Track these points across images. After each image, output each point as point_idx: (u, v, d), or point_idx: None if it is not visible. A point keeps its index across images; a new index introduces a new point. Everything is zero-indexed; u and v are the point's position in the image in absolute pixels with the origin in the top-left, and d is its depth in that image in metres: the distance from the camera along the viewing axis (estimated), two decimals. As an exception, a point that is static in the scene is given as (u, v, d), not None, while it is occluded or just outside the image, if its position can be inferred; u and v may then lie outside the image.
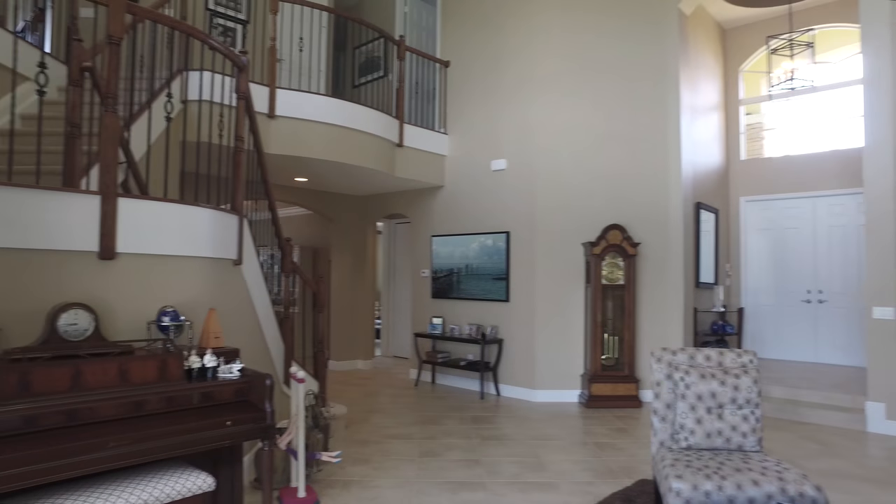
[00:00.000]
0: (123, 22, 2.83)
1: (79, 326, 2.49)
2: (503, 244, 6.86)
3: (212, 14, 6.51)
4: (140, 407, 2.39)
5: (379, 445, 4.65)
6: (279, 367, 4.24)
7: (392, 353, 10.06)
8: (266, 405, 2.63)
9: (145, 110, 4.00)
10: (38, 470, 2.01)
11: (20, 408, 2.10)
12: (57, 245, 2.54)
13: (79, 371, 2.28)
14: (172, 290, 2.96)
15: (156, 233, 2.88)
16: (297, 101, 5.66)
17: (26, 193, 2.46)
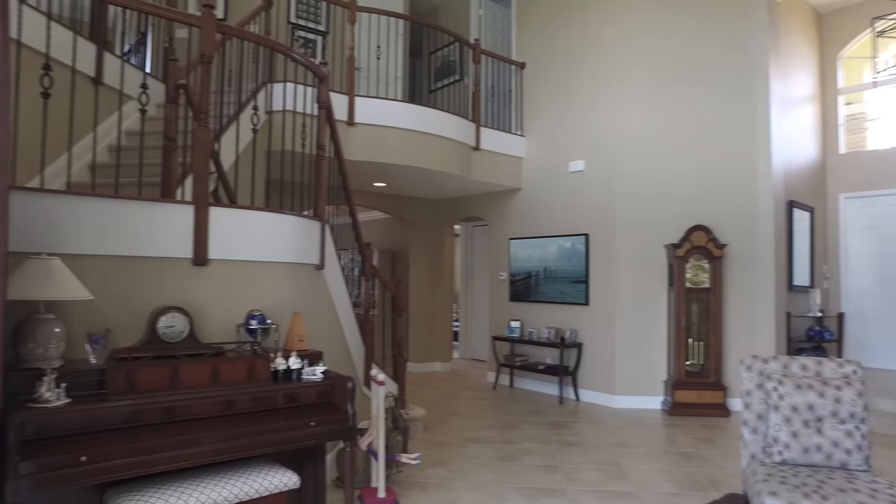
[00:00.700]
0: (214, 41, 3.00)
1: (175, 329, 2.66)
2: (582, 246, 6.73)
3: (293, 27, 6.77)
4: (230, 406, 2.52)
5: (457, 448, 4.68)
6: (360, 370, 4.34)
7: (470, 356, 10.09)
8: (348, 407, 2.70)
9: (233, 122, 4.21)
10: (142, 461, 2.16)
11: (126, 403, 2.27)
12: (156, 252, 2.71)
13: (176, 371, 2.43)
14: (259, 295, 3.09)
15: (244, 239, 3.02)
16: (375, 107, 5.79)
17: (130, 205, 2.65)
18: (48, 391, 2.14)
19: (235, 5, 6.58)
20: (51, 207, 2.46)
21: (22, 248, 2.36)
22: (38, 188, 2.49)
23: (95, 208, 2.56)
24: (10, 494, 1.89)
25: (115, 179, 2.84)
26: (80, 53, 4.01)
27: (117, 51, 4.89)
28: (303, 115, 4.42)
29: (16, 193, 2.36)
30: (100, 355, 2.40)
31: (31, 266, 2.23)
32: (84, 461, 2.04)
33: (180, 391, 2.42)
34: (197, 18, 2.99)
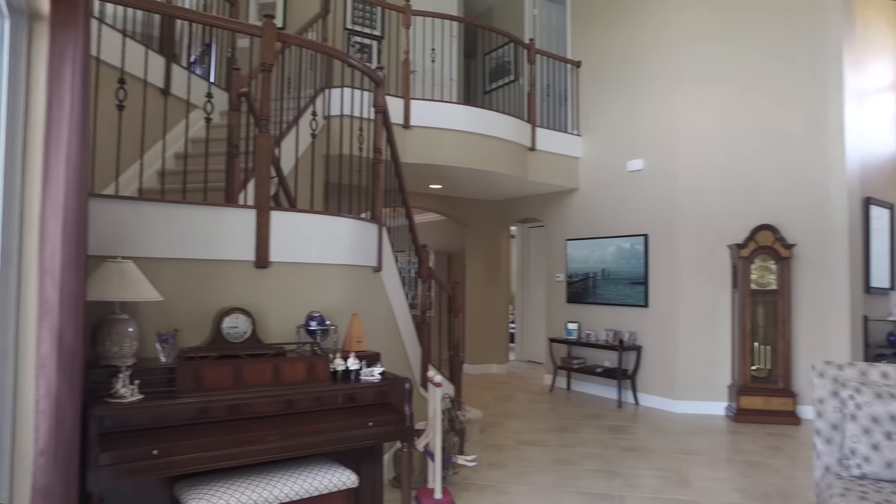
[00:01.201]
0: (274, 50, 3.08)
1: (239, 329, 2.75)
2: (641, 247, 6.57)
3: (349, 33, 6.89)
4: (291, 405, 2.58)
5: (513, 451, 4.65)
6: (416, 371, 4.37)
7: (526, 358, 10.01)
8: (405, 408, 2.72)
9: (293, 127, 4.31)
10: (208, 457, 2.24)
11: (194, 400, 2.35)
12: (221, 255, 2.81)
13: (240, 370, 2.51)
14: (318, 296, 3.16)
15: (303, 242, 3.09)
16: (430, 110, 5.83)
17: (196, 210, 2.76)
18: (123, 387, 2.24)
19: (294, 14, 6.76)
20: (124, 213, 2.58)
21: (99, 252, 2.48)
22: (113, 195, 2.62)
23: (164, 213, 2.67)
24: (91, 483, 2.00)
25: (183, 185, 2.96)
26: (150, 66, 4.20)
27: (183, 62, 5.10)
28: (360, 119, 4.49)
29: (94, 200, 2.49)
30: (169, 354, 2.50)
31: (107, 269, 2.35)
32: (156, 455, 2.13)
33: (244, 390, 2.49)
34: (258, 28, 3.08)
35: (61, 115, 1.83)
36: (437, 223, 9.89)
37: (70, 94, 1.84)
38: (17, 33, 1.86)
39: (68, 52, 1.84)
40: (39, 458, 1.81)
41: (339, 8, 6.70)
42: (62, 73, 1.84)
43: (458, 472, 4.02)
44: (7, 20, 1.83)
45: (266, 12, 3.00)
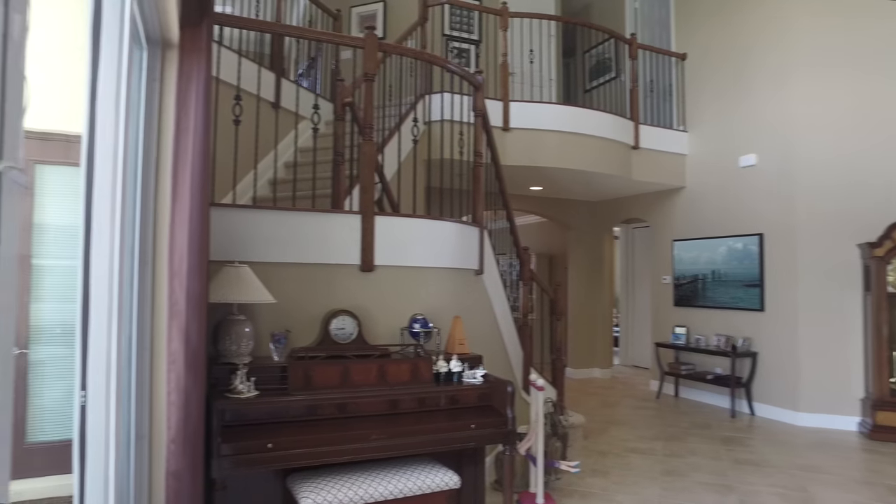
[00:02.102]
0: (377, 59, 3.18)
1: (346, 331, 2.86)
2: (755, 247, 6.16)
3: (447, 39, 6.98)
4: (395, 405, 2.64)
5: (618, 458, 4.50)
6: (518, 374, 4.35)
7: (631, 363, 9.68)
8: (507, 411, 2.71)
9: (395, 134, 4.43)
10: (318, 452, 2.34)
11: (304, 398, 2.47)
12: (328, 259, 2.94)
13: (347, 370, 2.61)
14: (421, 299, 3.22)
15: (407, 246, 3.17)
16: (529, 112, 5.78)
17: (305, 216, 2.90)
18: (241, 384, 2.40)
19: (393, 23, 6.95)
20: (240, 220, 2.77)
21: (219, 257, 2.67)
22: (231, 204, 2.81)
23: (276, 220, 2.84)
24: (214, 470, 2.16)
25: (293, 193, 3.13)
26: (262, 82, 4.47)
27: (291, 76, 5.39)
28: (460, 123, 4.54)
29: (214, 209, 2.68)
30: (281, 353, 2.65)
31: (226, 273, 2.53)
32: (270, 448, 2.26)
33: (350, 389, 2.59)
34: (360, 40, 3.20)
35: (187, 134, 1.99)
36: (538, 225, 9.79)
37: (194, 113, 1.99)
38: (152, 62, 2.04)
39: (193, 75, 2.00)
40: (171, 444, 1.97)
41: (436, 15, 6.81)
42: (188, 94, 2.00)
43: (560, 477, 3.95)
44: (145, 51, 2.02)
45: (367, 24, 3.11)
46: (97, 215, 1.59)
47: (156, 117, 2.07)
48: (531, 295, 4.52)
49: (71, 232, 3.29)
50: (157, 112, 2.08)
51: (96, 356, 1.65)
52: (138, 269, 2.00)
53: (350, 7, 7.29)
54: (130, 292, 1.96)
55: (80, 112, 1.59)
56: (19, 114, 0.73)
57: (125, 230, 1.80)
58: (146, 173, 2.03)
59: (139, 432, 2.05)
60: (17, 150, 0.72)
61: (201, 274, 1.99)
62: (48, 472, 2.71)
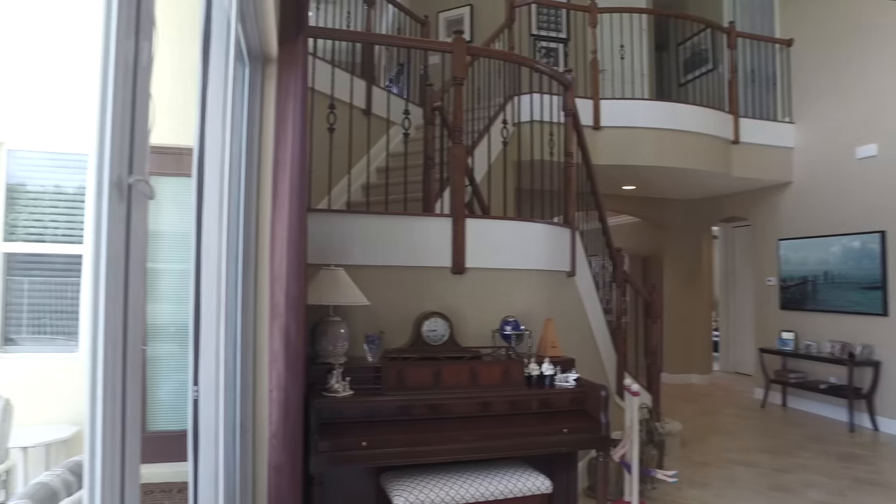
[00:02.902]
0: (465, 63, 3.20)
1: (437, 332, 2.89)
2: (876, 246, 5.66)
3: (535, 39, 6.91)
4: (486, 407, 2.64)
5: (720, 470, 4.27)
6: (611, 378, 4.23)
7: (732, 369, 9.17)
8: (601, 416, 2.65)
9: (484, 136, 4.44)
10: (411, 451, 2.39)
11: (398, 398, 2.52)
12: (420, 262, 2.99)
13: (439, 371, 2.63)
14: (512, 301, 3.20)
15: (497, 248, 3.17)
16: (621, 109, 5.62)
17: (397, 220, 2.97)
18: (337, 383, 2.48)
19: (480, 26, 6.97)
20: (336, 225, 2.87)
21: (316, 261, 2.78)
22: (326, 209, 2.92)
23: (369, 224, 2.92)
24: (312, 465, 2.25)
25: (385, 197, 3.20)
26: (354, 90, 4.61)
27: (381, 83, 5.52)
28: (549, 123, 4.48)
29: (311, 215, 2.79)
30: (375, 354, 2.71)
31: (323, 276, 2.62)
32: (365, 446, 2.32)
33: (442, 390, 2.61)
34: (448, 45, 3.23)
35: (286, 143, 2.09)
36: (631, 225, 9.50)
37: (292, 123, 2.09)
38: (254, 76, 2.16)
39: (291, 87, 2.09)
40: (273, 439, 2.07)
41: (523, 15, 6.76)
42: (286, 105, 2.09)
43: (656, 486, 3.80)
44: (247, 67, 2.13)
45: (455, 28, 3.14)
46: (206, 222, 1.70)
47: (257, 128, 2.19)
48: (625, 297, 4.39)
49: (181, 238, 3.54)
50: (258, 123, 2.19)
51: (206, 354, 1.77)
52: (242, 272, 2.12)
53: (437, 13, 7.38)
54: (235, 295, 2.08)
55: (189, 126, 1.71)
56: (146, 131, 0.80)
57: (230, 236, 1.91)
58: (249, 181, 2.15)
59: (244, 427, 2.16)
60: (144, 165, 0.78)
61: (299, 277, 2.08)
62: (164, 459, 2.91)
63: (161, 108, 2.24)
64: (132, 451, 0.86)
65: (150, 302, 3.60)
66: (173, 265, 3.59)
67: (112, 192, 0.75)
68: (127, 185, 0.80)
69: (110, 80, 0.74)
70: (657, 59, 8.36)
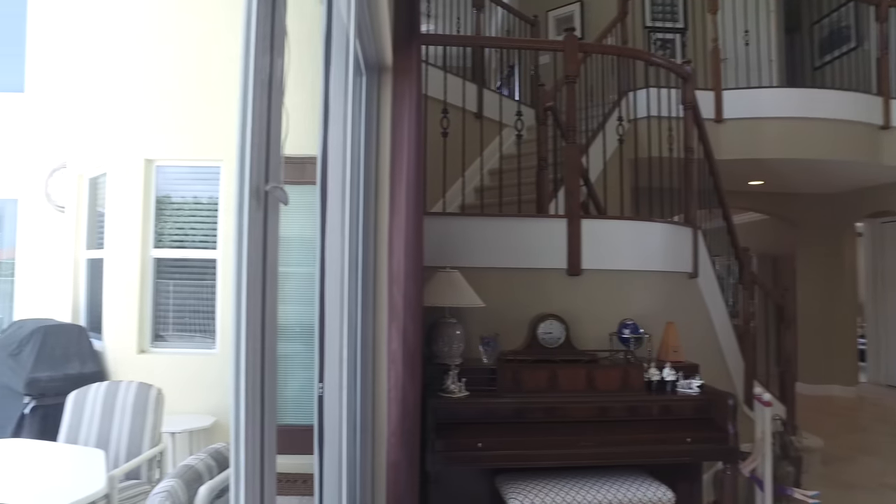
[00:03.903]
0: (577, 61, 3.14)
1: (553, 335, 2.85)
2: None
3: (649, 31, 6.64)
4: (604, 413, 2.57)
5: (872, 494, 3.86)
6: (739, 386, 3.97)
7: (883, 381, 8.27)
8: (728, 426, 2.49)
9: (598, 134, 4.33)
10: (527, 455, 2.37)
11: (513, 400, 2.52)
12: (535, 264, 2.97)
13: (555, 374, 2.60)
14: (631, 303, 3.10)
15: (614, 249, 3.08)
16: (745, 99, 5.27)
17: (511, 222, 2.97)
18: (453, 384, 2.51)
19: (591, 21, 6.80)
20: (451, 227, 2.91)
21: (432, 263, 2.84)
22: (441, 212, 2.98)
23: (483, 226, 2.93)
24: (428, 464, 2.30)
25: (499, 199, 3.21)
26: (466, 94, 4.66)
27: (492, 86, 5.55)
28: (668, 118, 4.29)
29: (426, 218, 2.86)
30: (490, 356, 2.72)
31: (438, 278, 2.67)
32: (480, 447, 2.34)
33: (558, 394, 2.57)
34: (559, 43, 3.18)
35: (402, 149, 2.15)
36: (759, 223, 8.87)
37: (407, 129, 2.15)
38: (370, 86, 2.25)
39: (405, 94, 2.15)
40: (391, 437, 2.14)
41: (636, 7, 6.52)
42: (402, 112, 2.16)
43: (794, 506, 3.51)
44: (364, 76, 2.23)
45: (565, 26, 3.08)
46: (330, 228, 1.79)
47: (374, 135, 2.27)
48: (752, 300, 4.10)
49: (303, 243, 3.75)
50: (375, 131, 2.28)
51: (330, 353, 1.86)
52: (362, 275, 2.21)
53: (546, 11, 7.29)
54: (356, 297, 2.17)
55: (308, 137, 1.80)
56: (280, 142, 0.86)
57: (351, 240, 1.99)
58: (367, 187, 2.24)
59: (364, 424, 2.25)
60: (279, 173, 0.84)
61: (416, 279, 2.13)
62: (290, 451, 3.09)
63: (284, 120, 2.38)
64: (269, 442, 0.92)
65: (279, 303, 3.83)
66: (299, 268, 3.81)
67: (251, 200, 0.81)
68: (264, 193, 0.86)
69: (249, 95, 0.81)
70: (787, 42, 7.74)
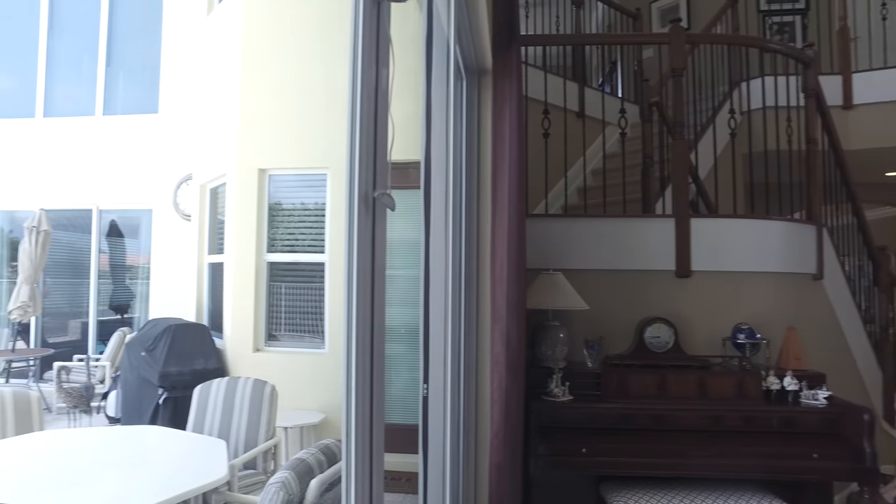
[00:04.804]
0: (684, 53, 3.00)
1: (661, 339, 2.74)
2: None
3: (764, 15, 6.21)
4: (717, 422, 2.43)
5: None
6: (876, 400, 3.61)
7: None
8: (864, 443, 2.27)
9: (708, 128, 4.11)
10: (633, 463, 2.29)
11: (618, 406, 2.44)
12: (640, 265, 2.86)
13: (663, 380, 2.49)
14: (745, 307, 2.91)
15: (726, 249, 2.91)
16: (881, 81, 4.80)
17: (615, 222, 2.88)
18: (556, 387, 2.48)
19: (698, 10, 6.46)
20: (553, 229, 2.87)
21: (534, 266, 2.81)
22: (543, 213, 2.94)
23: (587, 227, 2.87)
24: (531, 468, 2.28)
25: (603, 199, 3.13)
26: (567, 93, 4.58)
27: (593, 84, 5.41)
28: (786, 108, 4.00)
29: (528, 220, 2.84)
30: (594, 359, 2.66)
31: (542, 280, 2.64)
32: (584, 453, 2.28)
33: (667, 401, 2.47)
34: (664, 36, 3.05)
35: (503, 151, 2.15)
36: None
37: (508, 131, 2.14)
38: (471, 89, 2.27)
39: (506, 96, 2.15)
40: (494, 439, 2.13)
41: (750, -9, 6.12)
42: (502, 115, 2.15)
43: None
44: (464, 81, 2.25)
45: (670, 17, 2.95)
46: (434, 231, 1.82)
47: (475, 139, 2.28)
48: (892, 304, 3.72)
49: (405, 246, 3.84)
50: (476, 134, 2.29)
51: (435, 355, 1.88)
52: (465, 277, 2.22)
53: (650, 3, 7.01)
54: (459, 299, 2.19)
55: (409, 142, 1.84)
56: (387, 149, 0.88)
57: (455, 243, 2.01)
58: (469, 190, 2.25)
59: (467, 426, 2.27)
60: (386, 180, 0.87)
61: (519, 282, 2.12)
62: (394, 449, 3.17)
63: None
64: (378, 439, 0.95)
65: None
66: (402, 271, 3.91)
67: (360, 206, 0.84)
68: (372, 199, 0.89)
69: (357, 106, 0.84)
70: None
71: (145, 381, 4.29)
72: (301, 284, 4.53)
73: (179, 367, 4.23)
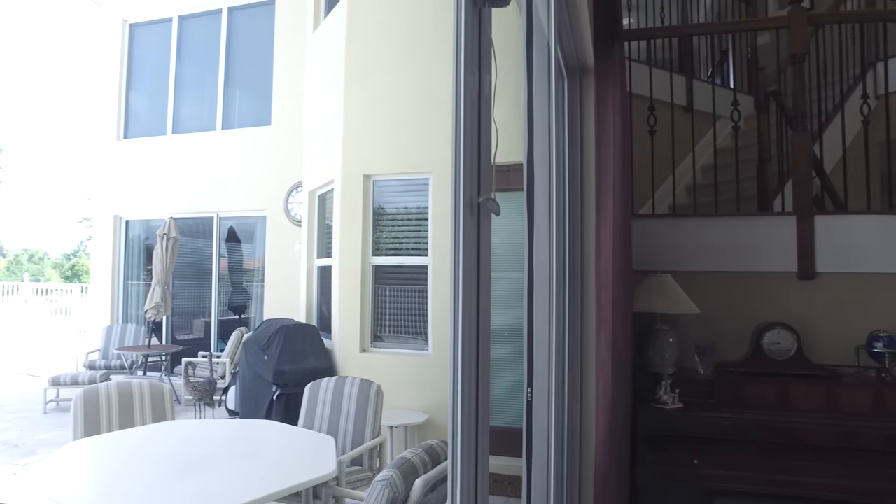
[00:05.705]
0: (806, 36, 2.78)
1: (781, 346, 2.55)
2: None
3: (904, -15, 5.62)
4: (849, 439, 2.23)
5: None
6: None
7: None
8: None
9: (835, 117, 3.78)
10: (750, 477, 2.15)
11: (733, 416, 2.30)
12: (757, 267, 2.68)
13: (785, 390, 2.32)
14: (883, 313, 2.65)
15: (857, 249, 2.66)
16: None
17: (728, 221, 2.72)
18: (665, 394, 2.37)
19: (823, -11, 5.96)
20: (661, 229, 2.76)
21: (641, 268, 2.71)
22: (650, 214, 2.83)
23: (697, 227, 2.73)
24: (638, 476, 2.20)
25: (714, 197, 2.97)
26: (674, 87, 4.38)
27: (702, 75, 5.14)
28: (928, 90, 3.61)
29: (634, 220, 2.74)
30: (707, 366, 2.52)
31: (650, 283, 2.54)
32: (696, 464, 2.17)
33: (789, 413, 2.29)
34: (783, 19, 2.84)
35: (607, 150, 2.09)
36: None
37: (612, 129, 2.08)
38: (572, 89, 2.23)
39: (609, 94, 2.09)
40: (600, 446, 2.08)
41: (888, -40, 5.56)
42: (606, 113, 2.10)
43: None
44: (565, 80, 2.21)
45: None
46: (537, 233, 1.80)
47: (578, 138, 2.24)
48: None
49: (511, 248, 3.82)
50: (579, 133, 2.24)
51: (539, 358, 1.86)
52: (569, 280, 2.18)
53: (766, -15, 6.57)
54: (563, 301, 2.15)
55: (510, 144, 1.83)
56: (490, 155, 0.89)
57: (558, 245, 1.98)
58: (573, 191, 2.21)
59: (571, 431, 2.22)
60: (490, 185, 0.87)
61: (626, 284, 2.05)
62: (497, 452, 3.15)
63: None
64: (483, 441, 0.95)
65: (488, 307, 3.96)
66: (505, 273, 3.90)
67: (465, 211, 0.85)
68: (477, 204, 0.89)
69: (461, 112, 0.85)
70: None
71: (260, 378, 4.56)
72: (405, 287, 4.64)
73: (291, 366, 4.45)
